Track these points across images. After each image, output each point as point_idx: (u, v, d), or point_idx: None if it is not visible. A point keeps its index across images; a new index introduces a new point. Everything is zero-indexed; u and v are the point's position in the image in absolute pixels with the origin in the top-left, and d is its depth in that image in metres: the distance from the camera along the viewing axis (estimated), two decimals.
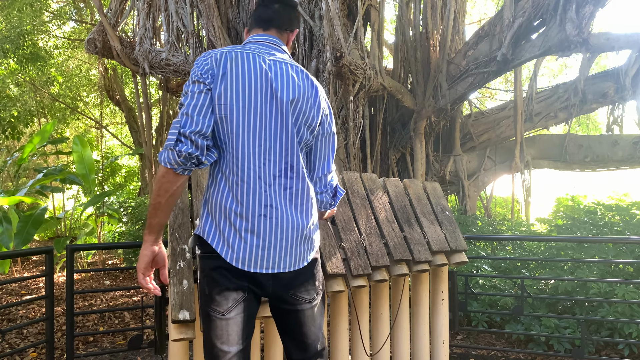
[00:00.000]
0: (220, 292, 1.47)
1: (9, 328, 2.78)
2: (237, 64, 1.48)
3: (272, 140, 1.50)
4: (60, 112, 10.89)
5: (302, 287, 1.57)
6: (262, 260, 1.48)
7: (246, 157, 1.47)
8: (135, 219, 6.88)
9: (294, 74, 1.55)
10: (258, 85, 1.48)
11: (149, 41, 6.55)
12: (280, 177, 1.51)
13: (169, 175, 1.43)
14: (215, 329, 1.47)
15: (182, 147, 1.39)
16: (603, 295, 3.47)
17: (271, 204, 1.49)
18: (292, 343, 1.62)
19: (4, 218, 5.16)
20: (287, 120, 1.51)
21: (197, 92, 1.44)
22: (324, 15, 5.20)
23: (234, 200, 1.47)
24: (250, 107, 1.47)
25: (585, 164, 7.18)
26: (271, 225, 1.48)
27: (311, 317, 1.59)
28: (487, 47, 5.84)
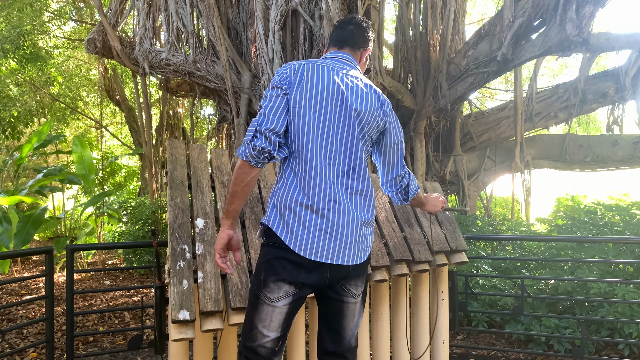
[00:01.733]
0: (276, 281, 1.59)
1: (9, 328, 2.78)
2: (312, 74, 1.67)
3: (338, 143, 1.65)
4: (60, 112, 10.89)
5: (353, 280, 1.68)
6: (322, 250, 1.59)
7: (314, 156, 1.62)
8: (135, 219, 6.87)
9: (364, 88, 1.72)
10: (330, 93, 1.66)
11: (149, 41, 6.55)
12: (343, 177, 1.66)
13: (244, 167, 1.60)
14: (261, 312, 1.59)
15: (257, 142, 1.56)
16: (603, 295, 3.47)
17: (335, 199, 1.62)
18: (328, 334, 1.72)
19: (4, 218, 5.16)
20: (353, 127, 1.67)
21: (274, 96, 1.64)
22: (324, 15, 5.20)
23: (301, 192, 1.62)
24: (320, 112, 1.64)
25: (585, 164, 7.18)
26: (334, 219, 1.61)
27: (352, 312, 1.70)
28: (487, 47, 5.84)
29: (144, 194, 10.19)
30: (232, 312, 1.82)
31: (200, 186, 2.15)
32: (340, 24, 1.87)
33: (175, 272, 1.83)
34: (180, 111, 10.57)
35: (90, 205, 6.34)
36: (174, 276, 1.81)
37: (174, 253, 1.88)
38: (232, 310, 1.82)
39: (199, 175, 2.20)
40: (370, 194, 1.72)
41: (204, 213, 2.06)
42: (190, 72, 6.39)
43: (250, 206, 2.19)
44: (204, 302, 1.78)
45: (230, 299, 1.82)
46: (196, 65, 6.32)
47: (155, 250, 2.24)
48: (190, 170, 2.21)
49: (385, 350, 2.54)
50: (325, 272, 1.62)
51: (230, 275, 1.71)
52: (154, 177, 8.59)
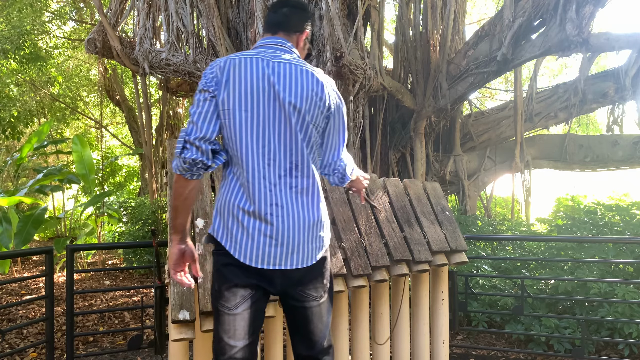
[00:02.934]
0: (229, 288, 1.54)
1: (9, 328, 2.78)
2: (239, 70, 1.54)
3: (276, 141, 1.55)
4: (60, 112, 10.88)
5: (311, 284, 1.62)
6: (268, 256, 1.54)
7: (250, 159, 1.54)
8: (135, 219, 6.87)
9: (299, 74, 1.58)
10: (260, 89, 1.54)
11: (149, 41, 6.55)
12: (286, 177, 1.57)
13: (180, 181, 1.52)
14: (224, 323, 1.53)
15: (187, 153, 1.48)
16: (603, 295, 3.47)
17: (277, 203, 1.54)
18: (298, 339, 1.66)
19: (4, 218, 5.16)
20: (290, 122, 1.55)
21: (202, 100, 1.53)
22: (324, 15, 5.20)
23: (243, 198, 1.55)
24: (252, 110, 1.53)
25: (585, 164, 7.17)
26: (278, 223, 1.54)
27: (318, 315, 1.64)
28: (487, 47, 5.84)
29: (144, 194, 10.19)
30: None
31: (200, 186, 2.15)
32: (273, 8, 1.74)
33: None
34: (180, 111, 10.57)
35: (90, 205, 6.33)
36: None
37: None
38: None
39: None
40: (317, 190, 1.63)
41: (204, 213, 2.06)
42: (190, 72, 6.38)
43: None
44: (204, 302, 1.78)
45: None
46: (196, 65, 6.32)
47: (155, 250, 2.24)
48: None
49: (386, 350, 2.54)
50: (275, 277, 1.56)
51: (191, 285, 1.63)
52: (154, 177, 8.59)
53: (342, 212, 2.36)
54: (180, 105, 10.60)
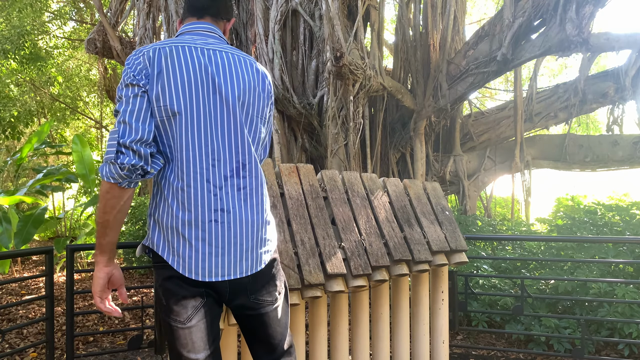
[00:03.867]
0: (178, 302, 1.40)
1: (9, 328, 2.78)
2: (172, 60, 1.36)
3: (219, 139, 1.40)
4: (60, 112, 10.89)
5: (263, 289, 1.51)
6: (216, 267, 1.39)
7: (191, 161, 1.37)
8: (135, 219, 6.87)
9: (237, 63, 1.45)
10: (199, 82, 1.38)
11: (149, 41, 6.55)
12: (233, 178, 1.42)
13: (113, 191, 1.32)
14: (179, 338, 1.40)
15: (124, 158, 1.29)
16: (603, 295, 3.47)
17: (222, 208, 1.40)
18: (258, 345, 1.57)
19: (4, 218, 5.16)
20: (235, 116, 1.41)
21: (132, 97, 1.33)
22: (324, 15, 5.20)
23: (180, 208, 1.37)
24: (192, 107, 1.36)
25: (585, 164, 7.18)
26: (224, 231, 1.39)
27: (275, 318, 1.54)
28: (487, 47, 5.84)
29: (144, 194, 10.19)
30: (232, 312, 1.82)
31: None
32: None
33: None
34: None
35: (90, 205, 6.34)
36: None
37: None
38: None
39: None
40: (263, 189, 1.51)
41: None
42: None
43: None
44: None
45: None
46: None
47: None
48: None
49: (385, 350, 2.54)
50: (223, 288, 1.43)
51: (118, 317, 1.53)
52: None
53: (342, 212, 2.36)
54: None
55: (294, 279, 1.99)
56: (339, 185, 2.49)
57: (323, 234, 2.21)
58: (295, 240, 2.15)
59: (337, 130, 5.47)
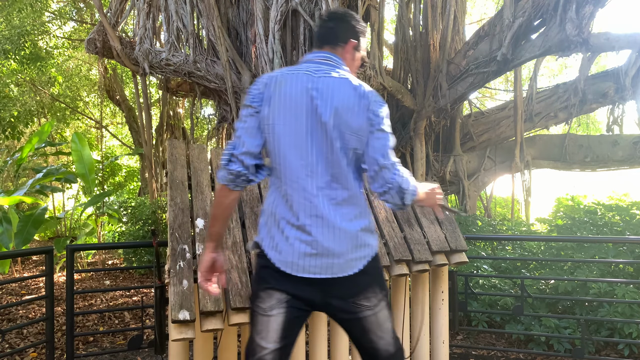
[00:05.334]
0: (265, 290, 1.59)
1: (9, 328, 2.78)
2: (282, 86, 1.59)
3: (315, 154, 1.58)
4: (60, 112, 10.88)
5: (361, 294, 1.61)
6: (309, 266, 1.56)
7: (290, 172, 1.58)
8: (135, 219, 6.87)
9: (340, 87, 1.59)
10: (301, 104, 1.57)
11: (149, 41, 6.55)
12: (324, 189, 1.58)
13: (223, 191, 1.61)
14: (257, 324, 1.56)
15: (233, 166, 1.56)
16: (603, 295, 3.47)
17: (317, 214, 1.57)
18: (362, 350, 1.66)
19: (4, 218, 5.15)
20: (329, 136, 1.57)
21: (247, 116, 1.60)
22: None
23: (284, 210, 1.60)
24: (292, 125, 1.57)
25: (585, 164, 7.17)
26: (317, 234, 1.56)
27: (376, 323, 1.62)
28: (487, 47, 5.84)
29: (144, 194, 10.19)
30: (232, 312, 1.82)
31: (200, 186, 2.15)
32: (320, 22, 1.77)
33: (175, 272, 1.83)
34: (180, 111, 10.57)
35: (90, 205, 6.33)
36: (174, 276, 1.82)
37: (174, 253, 1.88)
38: (232, 310, 1.82)
39: (199, 175, 2.20)
40: (359, 201, 1.65)
41: (204, 213, 2.06)
42: (190, 72, 6.39)
43: (250, 206, 2.19)
44: (204, 302, 1.78)
45: (230, 299, 1.82)
46: (196, 65, 6.32)
47: (155, 250, 2.24)
48: (190, 170, 2.22)
49: None
50: (315, 287, 1.57)
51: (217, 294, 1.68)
52: (154, 177, 8.59)
53: None
54: (180, 105, 10.60)
55: None
56: None
57: None
58: None
59: None
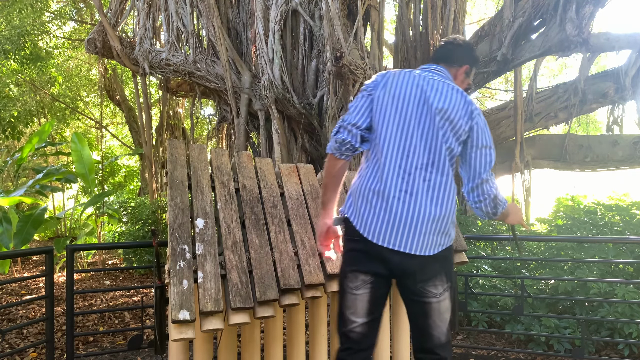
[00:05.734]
0: (352, 272, 1.76)
1: (9, 328, 2.78)
2: (397, 78, 1.81)
3: (417, 137, 1.75)
4: (60, 112, 10.88)
5: (430, 281, 1.73)
6: (390, 236, 1.70)
7: (391, 148, 1.75)
8: (135, 219, 6.87)
9: (449, 90, 1.79)
10: (411, 94, 1.77)
11: (149, 41, 6.55)
12: (421, 170, 1.73)
13: (330, 159, 1.82)
14: (347, 300, 1.76)
15: (340, 135, 1.78)
16: (603, 295, 3.47)
17: (407, 190, 1.71)
18: (417, 331, 1.78)
19: (4, 218, 5.15)
20: (434, 123, 1.74)
21: (360, 97, 1.83)
22: (324, 15, 5.20)
23: (374, 180, 1.75)
24: (401, 109, 1.76)
25: (585, 164, 7.17)
26: (404, 208, 1.70)
27: (437, 311, 1.74)
28: (487, 47, 5.84)
29: (144, 194, 10.19)
30: (232, 312, 1.82)
31: (200, 186, 2.15)
32: (442, 43, 2.02)
33: (175, 272, 1.83)
34: (180, 111, 10.57)
35: (90, 205, 6.33)
36: (174, 276, 1.81)
37: (174, 253, 1.88)
38: (232, 310, 1.82)
39: (199, 175, 2.20)
40: (450, 189, 1.76)
41: (204, 213, 2.06)
42: (190, 72, 6.39)
43: (250, 206, 2.19)
44: (204, 302, 1.78)
45: (230, 299, 1.82)
46: (196, 65, 6.32)
47: (155, 250, 2.24)
48: (190, 170, 2.22)
49: (385, 350, 2.54)
50: (394, 261, 1.70)
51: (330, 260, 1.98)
52: (154, 177, 8.59)
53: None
54: (180, 105, 10.60)
55: (294, 279, 1.99)
56: None
57: None
58: (295, 240, 2.15)
59: None
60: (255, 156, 3.61)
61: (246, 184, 2.27)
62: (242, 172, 2.32)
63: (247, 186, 2.26)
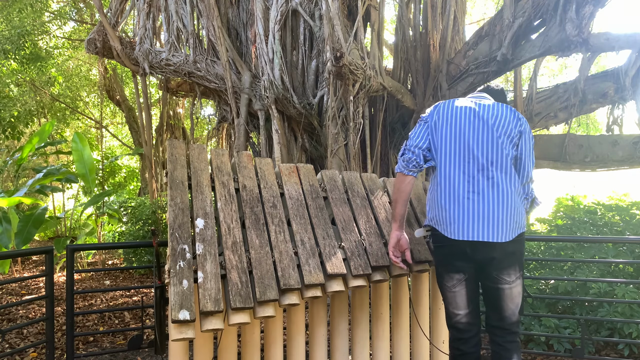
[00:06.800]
0: (448, 274, 2.09)
1: (9, 328, 2.78)
2: (448, 104, 2.15)
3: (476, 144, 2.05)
4: (60, 112, 10.88)
5: (505, 270, 2.02)
6: (469, 230, 1.97)
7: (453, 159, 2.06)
8: (135, 219, 6.87)
9: (496, 105, 2.13)
10: (463, 114, 2.10)
11: (149, 41, 6.55)
12: (483, 170, 2.02)
13: (399, 177, 2.15)
14: (448, 297, 2.10)
15: (406, 155, 2.14)
16: (603, 295, 3.47)
17: (474, 190, 2.01)
18: (490, 311, 2.10)
19: (4, 218, 5.15)
20: (489, 129, 2.06)
21: (418, 126, 2.19)
22: (324, 15, 5.20)
23: (446, 189, 2.04)
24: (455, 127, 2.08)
25: (585, 164, 7.17)
26: (474, 206, 1.99)
27: (509, 296, 2.04)
28: (487, 47, 5.84)
29: (144, 194, 10.19)
30: (232, 312, 1.82)
31: (200, 186, 2.15)
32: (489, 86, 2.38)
33: (175, 272, 1.83)
34: (180, 111, 10.57)
35: (90, 205, 6.33)
36: (174, 276, 1.81)
37: (174, 253, 1.88)
38: (232, 310, 1.82)
39: (199, 175, 2.20)
40: (514, 185, 2.03)
41: (204, 213, 2.06)
42: (190, 72, 6.39)
43: (250, 206, 2.19)
44: (204, 302, 1.78)
45: (230, 299, 1.82)
46: (196, 65, 6.32)
47: (155, 250, 2.24)
48: (190, 170, 2.22)
49: (385, 350, 2.54)
50: (477, 253, 1.98)
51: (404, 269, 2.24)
52: (154, 177, 8.59)
53: (342, 212, 2.36)
54: (180, 105, 10.60)
55: (294, 279, 1.99)
56: (339, 185, 2.49)
57: (323, 234, 2.21)
58: (295, 240, 2.15)
59: (337, 130, 5.47)
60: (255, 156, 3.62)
61: (246, 184, 2.27)
62: (242, 172, 2.32)
63: (247, 186, 2.26)
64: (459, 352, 2.08)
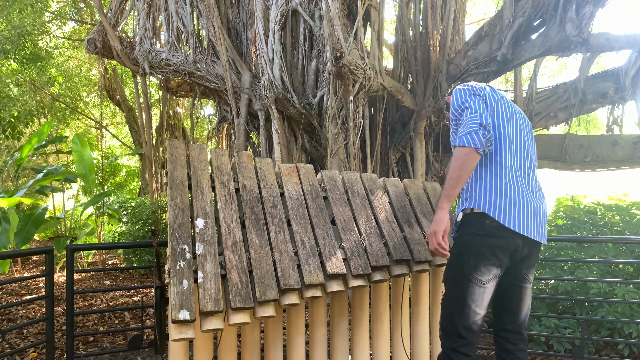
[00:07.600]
0: (486, 265, 1.86)
1: (9, 328, 2.78)
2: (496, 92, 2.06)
3: (527, 143, 2.06)
4: (60, 112, 10.88)
5: (531, 270, 2.03)
6: (525, 225, 1.88)
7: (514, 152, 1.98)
8: (135, 219, 6.87)
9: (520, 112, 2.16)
10: (514, 107, 2.07)
11: (149, 41, 6.55)
12: (532, 171, 2.04)
13: (472, 154, 1.84)
14: (474, 293, 1.85)
15: (485, 132, 1.85)
16: (603, 295, 3.47)
17: (529, 188, 1.98)
18: (506, 312, 2.02)
19: (4, 218, 5.15)
20: (530, 132, 2.12)
21: (476, 100, 1.95)
22: (324, 15, 5.20)
23: (507, 179, 1.92)
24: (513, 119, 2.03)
25: (585, 164, 7.17)
26: (531, 204, 1.93)
27: (528, 295, 2.03)
28: (487, 47, 5.84)
29: (144, 194, 10.19)
30: (232, 312, 1.82)
31: (200, 186, 2.15)
32: None
33: (175, 272, 1.83)
34: (180, 111, 10.57)
35: (90, 205, 6.33)
36: (174, 276, 1.82)
37: (174, 253, 1.88)
38: (232, 310, 1.82)
39: (199, 175, 2.20)
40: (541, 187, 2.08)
41: (204, 213, 2.06)
42: (190, 72, 6.39)
43: (250, 206, 2.19)
44: (204, 302, 1.78)
45: (230, 299, 1.82)
46: (196, 65, 6.32)
47: (155, 250, 2.24)
48: (190, 170, 2.22)
49: (385, 350, 2.54)
50: (519, 249, 1.90)
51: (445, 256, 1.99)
52: (154, 177, 8.59)
53: (342, 212, 2.36)
54: (180, 105, 10.60)
55: (294, 279, 1.99)
56: (339, 185, 2.49)
57: (323, 234, 2.21)
58: (295, 240, 2.15)
59: (337, 130, 5.47)
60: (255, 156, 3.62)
61: (246, 184, 2.27)
62: (242, 172, 2.32)
63: (247, 186, 2.26)
64: (468, 359, 1.87)
